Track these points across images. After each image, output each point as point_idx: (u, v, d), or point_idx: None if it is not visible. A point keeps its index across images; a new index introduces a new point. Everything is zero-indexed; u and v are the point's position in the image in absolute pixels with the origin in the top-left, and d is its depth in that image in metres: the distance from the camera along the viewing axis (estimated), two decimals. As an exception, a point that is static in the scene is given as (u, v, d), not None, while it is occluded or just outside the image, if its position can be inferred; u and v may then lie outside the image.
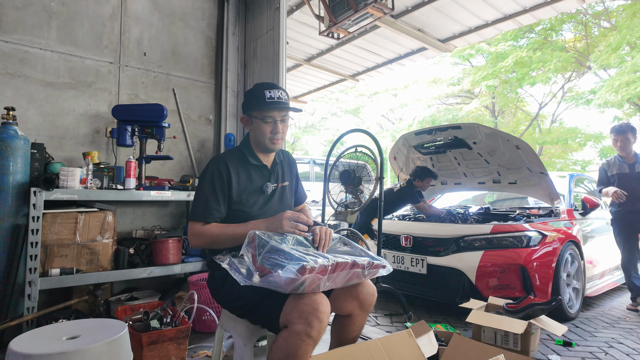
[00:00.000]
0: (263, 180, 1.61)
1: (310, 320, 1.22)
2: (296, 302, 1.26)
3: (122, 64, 3.12)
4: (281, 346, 1.24)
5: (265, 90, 1.52)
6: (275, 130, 1.54)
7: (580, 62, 13.15)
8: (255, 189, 1.58)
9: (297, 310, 1.24)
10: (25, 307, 2.17)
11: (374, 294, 1.55)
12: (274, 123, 1.54)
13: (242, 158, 1.59)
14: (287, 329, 1.25)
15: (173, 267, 2.72)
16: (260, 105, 1.52)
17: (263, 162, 1.62)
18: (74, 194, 2.35)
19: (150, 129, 2.80)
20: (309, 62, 7.00)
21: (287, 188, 1.69)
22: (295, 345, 1.21)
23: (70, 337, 1.18)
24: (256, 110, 1.54)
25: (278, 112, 1.54)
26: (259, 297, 1.36)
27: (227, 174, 1.51)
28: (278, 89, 1.54)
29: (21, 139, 2.28)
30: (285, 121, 1.58)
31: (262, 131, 1.54)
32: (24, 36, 2.72)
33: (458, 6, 5.08)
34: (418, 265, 3.28)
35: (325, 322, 1.26)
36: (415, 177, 4.19)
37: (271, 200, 1.61)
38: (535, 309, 2.37)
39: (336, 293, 1.50)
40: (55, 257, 2.36)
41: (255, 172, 1.60)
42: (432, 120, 17.08)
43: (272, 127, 1.54)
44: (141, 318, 2.04)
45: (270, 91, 1.52)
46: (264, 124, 1.53)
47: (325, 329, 1.29)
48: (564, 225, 3.43)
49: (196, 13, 3.54)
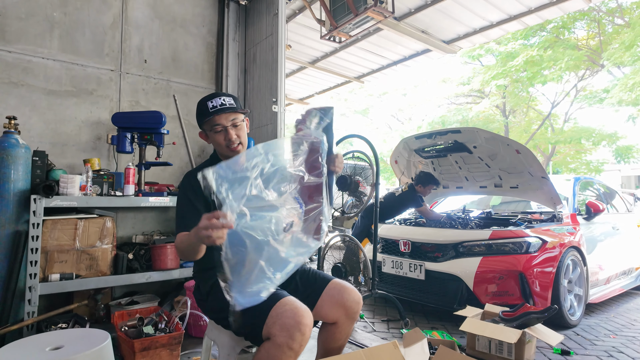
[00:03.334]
0: None
1: (292, 333, 1.23)
2: (279, 315, 1.27)
3: (123, 72, 3.17)
4: (263, 358, 1.25)
5: (207, 101, 1.52)
6: (228, 137, 1.52)
7: (593, 60, 12.90)
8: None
9: (280, 323, 1.25)
10: (25, 311, 2.23)
11: (360, 302, 1.56)
12: (225, 130, 1.52)
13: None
14: (270, 341, 1.26)
15: (172, 272, 2.76)
16: (205, 116, 1.52)
17: None
18: (74, 201, 2.40)
19: (149, 136, 2.84)
20: (314, 64, 7.01)
21: None
22: (277, 357, 1.23)
23: (53, 347, 1.21)
24: (204, 123, 1.54)
25: (225, 118, 1.51)
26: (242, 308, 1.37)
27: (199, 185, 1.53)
28: (220, 97, 1.53)
29: (22, 147, 2.35)
30: (237, 125, 1.55)
31: (217, 141, 1.54)
32: (27, 46, 2.79)
33: (462, 7, 5.04)
34: (416, 271, 3.26)
35: (307, 334, 1.27)
36: (418, 182, 4.17)
37: None
38: (531, 317, 2.35)
39: (322, 301, 1.52)
40: (55, 262, 2.42)
41: None
42: (442, 121, 16.93)
43: (225, 135, 1.53)
44: (135, 324, 2.08)
45: (212, 101, 1.52)
46: (215, 134, 1.53)
47: (308, 342, 1.30)
48: (566, 230, 3.38)
49: (196, 19, 3.58)
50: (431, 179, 4.18)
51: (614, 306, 3.89)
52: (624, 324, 3.32)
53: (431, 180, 4.17)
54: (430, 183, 4.16)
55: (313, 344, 2.41)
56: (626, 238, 4.25)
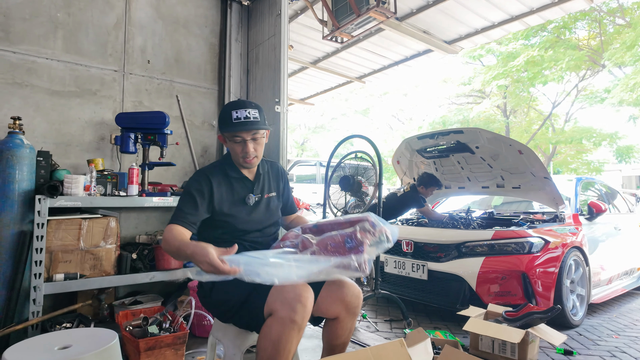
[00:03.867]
0: (245, 192, 1.63)
1: (294, 306, 1.25)
2: (279, 291, 1.29)
3: (126, 72, 3.18)
4: (266, 333, 1.26)
5: (232, 110, 1.52)
6: (245, 150, 1.54)
7: (594, 60, 12.89)
8: (237, 200, 1.61)
9: (280, 298, 1.27)
10: (30, 311, 2.23)
11: (359, 296, 1.57)
12: (244, 143, 1.54)
13: (223, 171, 1.62)
14: (272, 316, 1.28)
15: (175, 272, 2.76)
16: (227, 126, 1.53)
17: (244, 174, 1.65)
18: (78, 201, 2.41)
19: (152, 136, 2.85)
20: (315, 64, 7.02)
21: (273, 199, 1.71)
22: (280, 331, 1.24)
23: (61, 347, 1.22)
24: (226, 131, 1.56)
25: (245, 132, 1.53)
26: (244, 296, 1.40)
27: (208, 184, 1.54)
28: (246, 108, 1.53)
29: (27, 147, 2.36)
30: (257, 139, 1.56)
31: (235, 151, 1.57)
32: (31, 46, 2.79)
33: (463, 8, 5.04)
34: (419, 271, 3.27)
35: (309, 307, 1.28)
36: (420, 184, 4.17)
37: (255, 211, 1.63)
38: (534, 317, 2.35)
39: (322, 297, 1.53)
40: (60, 262, 2.43)
41: (237, 184, 1.63)
42: (443, 121, 16.94)
43: (242, 147, 1.54)
44: (140, 324, 2.09)
45: (237, 111, 1.51)
46: (235, 144, 1.55)
47: (309, 315, 1.31)
48: (568, 230, 3.39)
49: (199, 20, 3.59)
50: (434, 180, 4.18)
51: (616, 306, 3.89)
52: (627, 324, 3.32)
53: (434, 182, 4.17)
54: (432, 185, 4.16)
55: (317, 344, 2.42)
56: (628, 238, 4.25)
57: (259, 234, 1.64)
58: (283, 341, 1.23)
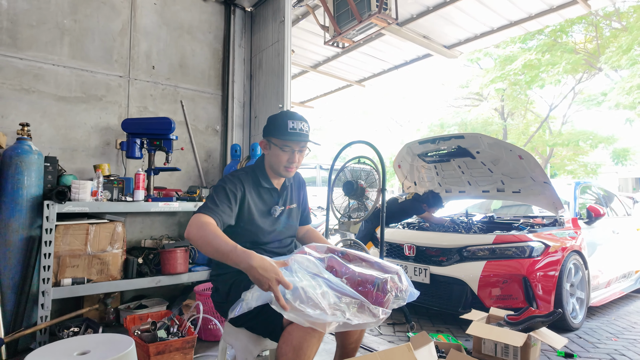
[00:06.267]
0: (272, 203, 1.66)
1: None
2: None
3: (131, 78, 3.21)
4: (287, 340, 1.27)
5: (288, 120, 1.57)
6: (291, 160, 1.59)
7: (590, 64, 13.01)
8: (264, 210, 1.63)
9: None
10: (38, 315, 2.26)
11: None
12: (292, 153, 1.59)
13: (255, 179, 1.64)
14: (293, 323, 1.27)
15: (180, 276, 2.79)
16: (281, 134, 1.56)
17: (274, 185, 1.68)
18: (85, 207, 2.43)
19: (158, 142, 2.88)
20: (315, 68, 7.06)
21: (294, 210, 1.75)
22: (301, 337, 1.25)
23: (80, 352, 1.25)
24: (277, 138, 1.58)
25: (297, 143, 1.58)
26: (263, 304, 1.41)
27: (242, 190, 1.57)
28: (301, 121, 1.59)
29: (35, 153, 2.38)
30: (302, 152, 1.63)
31: (279, 159, 1.59)
32: (38, 53, 2.82)
33: (463, 14, 5.10)
34: (421, 275, 3.31)
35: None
36: (424, 202, 4.16)
37: (277, 221, 1.67)
38: (536, 321, 2.39)
39: None
40: (67, 267, 2.46)
41: (266, 194, 1.65)
42: (441, 124, 17.03)
43: (290, 157, 1.59)
44: (149, 328, 2.11)
45: (293, 122, 1.56)
46: (282, 152, 1.58)
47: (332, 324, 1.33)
48: (568, 234, 3.43)
49: (203, 26, 3.62)
50: (438, 202, 4.19)
51: (614, 309, 3.94)
52: (625, 326, 3.37)
53: (438, 203, 4.19)
54: (435, 206, 4.18)
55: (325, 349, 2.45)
56: (626, 241, 4.30)
57: (277, 244, 1.67)
58: (304, 347, 1.24)
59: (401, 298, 1.44)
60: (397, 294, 1.42)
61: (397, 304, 1.45)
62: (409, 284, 1.50)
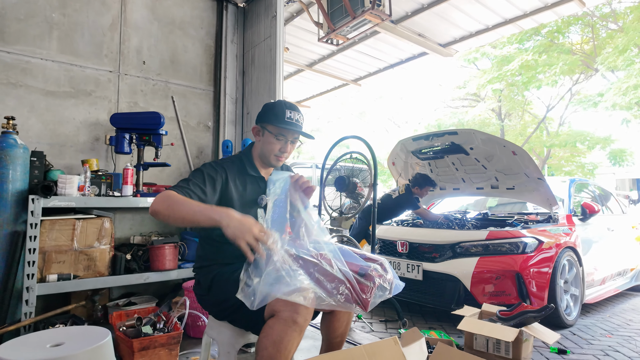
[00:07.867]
0: (258, 192, 1.63)
1: (297, 307, 1.23)
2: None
3: (121, 73, 3.18)
4: (268, 334, 1.25)
5: (286, 109, 1.58)
6: (283, 149, 1.60)
7: (587, 65, 13.03)
8: (249, 200, 1.60)
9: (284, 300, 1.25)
10: (22, 312, 2.21)
11: None
12: (285, 142, 1.60)
13: (241, 167, 1.62)
14: (274, 317, 1.26)
15: (169, 272, 2.76)
16: (278, 122, 1.56)
17: (261, 174, 1.65)
18: (72, 201, 2.40)
19: (147, 137, 2.85)
20: (311, 67, 7.05)
21: None
22: (282, 331, 1.23)
23: (54, 344, 1.21)
24: (272, 126, 1.57)
25: (292, 133, 1.60)
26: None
27: (223, 175, 1.55)
28: (298, 112, 1.61)
29: (20, 147, 2.34)
30: (294, 142, 1.64)
31: (272, 147, 1.59)
32: (26, 47, 2.79)
33: (458, 11, 5.09)
34: (414, 272, 3.28)
35: (311, 309, 1.27)
36: (414, 185, 4.18)
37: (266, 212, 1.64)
38: (528, 316, 2.36)
39: None
40: (53, 263, 2.42)
41: (251, 184, 1.62)
42: (438, 124, 17.04)
43: (282, 146, 1.60)
44: (134, 324, 2.08)
45: (291, 112, 1.58)
46: (276, 140, 1.58)
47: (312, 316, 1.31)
48: (562, 231, 3.41)
49: (195, 22, 3.60)
50: (428, 180, 4.20)
51: (609, 306, 3.92)
52: (620, 323, 3.34)
53: (428, 182, 4.19)
54: (426, 185, 4.18)
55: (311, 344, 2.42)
56: (621, 239, 4.29)
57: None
58: (285, 341, 1.22)
59: (385, 289, 1.41)
60: (382, 283, 1.39)
61: (383, 296, 1.42)
62: (394, 275, 1.48)
